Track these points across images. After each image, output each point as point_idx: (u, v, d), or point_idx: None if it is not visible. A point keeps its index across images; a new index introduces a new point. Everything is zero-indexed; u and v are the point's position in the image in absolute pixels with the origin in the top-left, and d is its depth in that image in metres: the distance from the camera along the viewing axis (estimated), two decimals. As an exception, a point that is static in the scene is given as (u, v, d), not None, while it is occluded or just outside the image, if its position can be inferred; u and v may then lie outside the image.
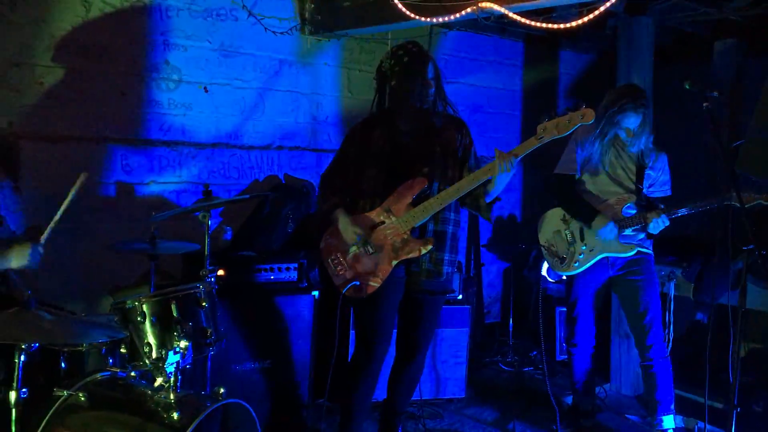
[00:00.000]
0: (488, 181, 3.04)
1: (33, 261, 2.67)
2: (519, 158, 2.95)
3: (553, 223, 3.85)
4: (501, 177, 2.96)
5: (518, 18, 3.56)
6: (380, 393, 3.55)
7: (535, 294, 5.64)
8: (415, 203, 3.07)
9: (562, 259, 3.77)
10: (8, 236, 3.33)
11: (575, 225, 3.74)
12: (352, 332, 3.63)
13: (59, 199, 3.47)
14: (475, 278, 5.45)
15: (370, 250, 3.11)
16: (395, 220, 3.08)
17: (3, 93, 3.64)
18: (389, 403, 3.48)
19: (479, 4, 3.56)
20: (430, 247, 3.05)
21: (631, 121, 3.60)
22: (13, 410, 2.20)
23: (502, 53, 5.90)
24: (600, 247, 3.67)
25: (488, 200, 3.16)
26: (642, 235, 3.66)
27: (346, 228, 3.14)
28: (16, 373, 2.20)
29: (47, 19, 3.75)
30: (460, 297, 4.44)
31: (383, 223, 3.10)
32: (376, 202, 3.15)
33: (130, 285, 4.03)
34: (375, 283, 3.09)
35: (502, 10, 3.48)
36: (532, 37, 5.82)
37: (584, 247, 3.69)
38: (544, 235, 3.89)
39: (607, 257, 3.71)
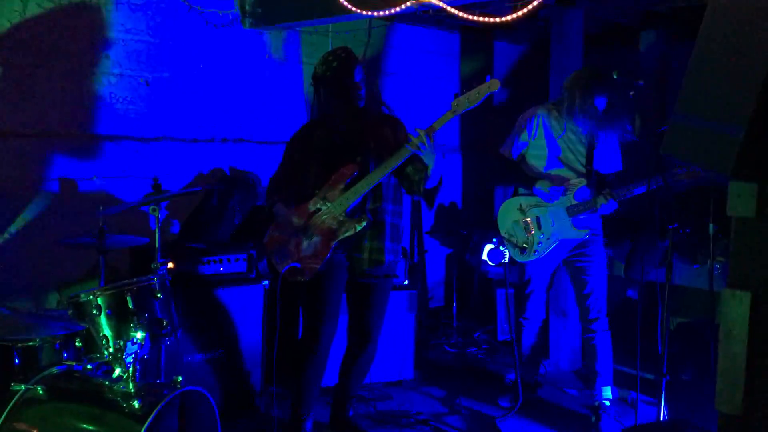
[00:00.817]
0: (424, 166, 3.19)
1: None
2: (436, 131, 3.11)
3: (511, 213, 3.96)
4: (429, 155, 3.11)
5: (455, 12, 3.69)
6: (332, 379, 3.66)
7: (476, 277, 5.85)
8: (347, 188, 3.22)
9: (522, 249, 3.89)
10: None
11: (532, 214, 3.89)
12: (300, 319, 3.72)
13: (10, 197, 3.46)
14: (420, 264, 5.60)
15: (309, 237, 3.24)
16: (330, 206, 3.23)
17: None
18: (341, 387, 3.59)
19: (418, -2, 3.68)
20: (364, 223, 3.20)
21: (601, 103, 3.75)
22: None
23: (440, 45, 6.05)
24: (557, 233, 3.84)
25: (428, 186, 3.32)
26: (593, 217, 3.85)
27: (285, 219, 3.29)
28: (-27, 369, 2.21)
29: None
30: (407, 282, 4.57)
31: (320, 210, 3.24)
32: (315, 193, 3.29)
33: (78, 280, 4.01)
34: (315, 265, 3.21)
35: (440, 3, 3.61)
36: (467, 29, 5.98)
37: (542, 236, 3.84)
38: (503, 226, 3.99)
39: (564, 241, 3.88)
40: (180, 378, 2.61)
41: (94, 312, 2.70)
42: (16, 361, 2.67)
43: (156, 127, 4.42)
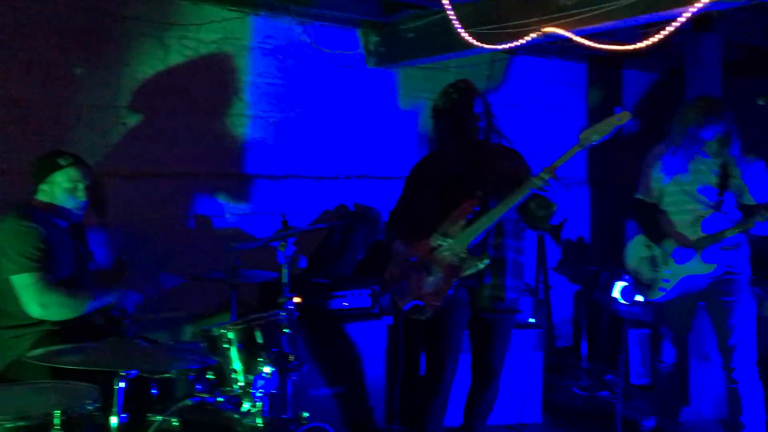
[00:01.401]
0: (549, 203, 3.08)
1: (137, 302, 3.06)
2: (558, 167, 2.98)
3: (639, 249, 3.82)
4: (556, 193, 2.99)
5: (583, 41, 3.58)
6: (455, 418, 3.57)
7: (606, 316, 5.56)
8: (469, 224, 3.16)
9: (648, 285, 3.73)
10: (96, 270, 3.52)
11: (658, 251, 3.70)
12: (422, 357, 3.68)
13: (144, 233, 3.67)
14: (545, 301, 5.41)
15: (430, 273, 3.19)
16: (451, 242, 3.17)
17: (89, 134, 3.86)
18: (465, 428, 3.50)
19: (542, 29, 3.60)
20: (486, 261, 3.12)
21: (711, 134, 3.54)
22: (113, 435, 2.31)
23: (565, 75, 5.90)
24: (683, 270, 3.61)
25: (554, 222, 3.19)
26: (732, 254, 3.58)
27: (404, 256, 3.27)
28: (115, 399, 2.31)
29: (130, 63, 3.97)
30: (532, 320, 4.42)
31: (440, 246, 3.19)
32: (435, 228, 3.25)
33: (211, 313, 4.17)
34: (436, 303, 3.16)
35: (567, 34, 3.51)
36: (594, 58, 5.81)
37: (668, 272, 3.64)
38: (631, 262, 3.86)
39: (692, 278, 3.63)
40: (306, 414, 2.62)
41: (225, 346, 2.78)
42: (154, 391, 2.78)
43: (284, 166, 4.57)
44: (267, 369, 2.70)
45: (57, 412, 2.24)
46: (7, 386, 2.57)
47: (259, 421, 2.51)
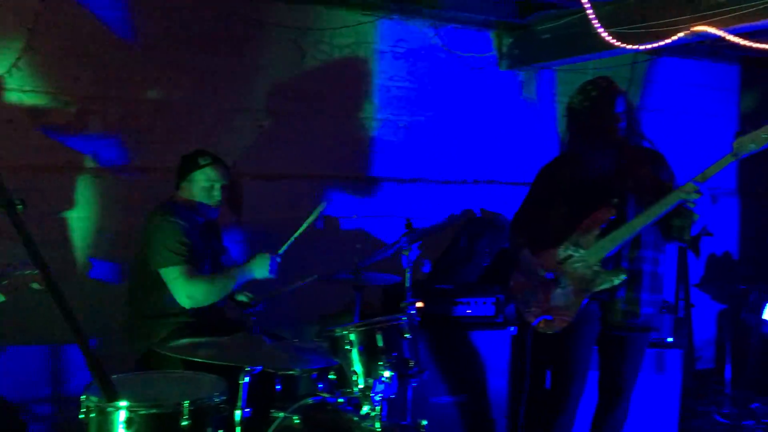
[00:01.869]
0: (690, 212, 2.84)
1: (272, 270, 3.11)
2: (709, 177, 2.73)
3: None
4: (701, 205, 2.75)
5: (738, 40, 3.30)
6: (582, 437, 3.39)
7: (755, 339, 5.12)
8: (603, 234, 2.95)
9: None
10: (231, 266, 3.66)
11: None
12: (548, 371, 3.53)
13: (276, 232, 3.75)
14: (685, 320, 5.05)
15: (560, 285, 3.03)
16: (583, 253, 2.98)
17: (228, 136, 4.02)
18: (592, 448, 3.32)
19: (692, 28, 3.35)
20: (623, 277, 2.92)
21: None
22: (238, 428, 2.37)
23: (715, 78, 5.49)
24: None
25: (694, 233, 2.95)
26: None
27: (531, 266, 3.09)
28: (240, 393, 2.37)
29: (267, 67, 4.10)
30: (671, 340, 4.12)
31: (571, 256, 3.01)
32: (564, 237, 3.07)
33: (335, 314, 4.23)
34: (566, 317, 3.00)
35: (720, 32, 3.25)
36: (748, 59, 5.36)
37: None
38: None
39: None
40: (425, 422, 2.57)
41: (347, 347, 2.78)
42: (278, 387, 2.84)
43: (411, 169, 4.56)
44: (387, 373, 2.67)
45: (186, 402, 2.33)
46: (141, 374, 2.72)
47: (377, 425, 2.49)
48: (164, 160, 3.83)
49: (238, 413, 2.37)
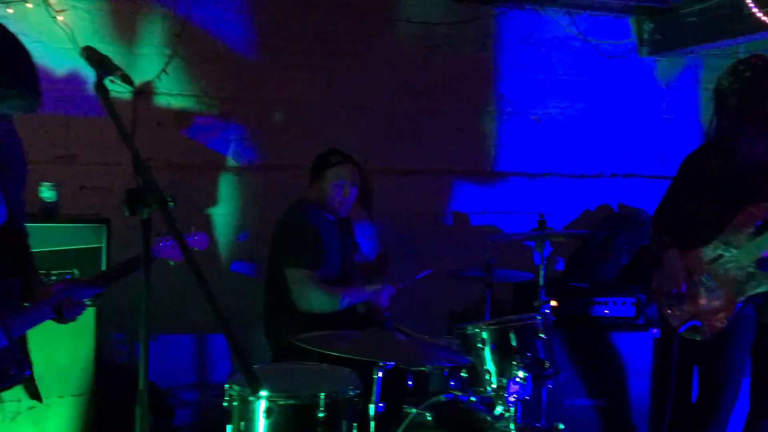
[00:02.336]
0: None
1: (384, 302, 3.17)
2: None
3: None
4: None
5: None
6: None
7: None
8: (758, 232, 2.70)
9: None
10: (362, 261, 3.71)
11: None
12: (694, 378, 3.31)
13: (405, 227, 3.76)
14: None
15: (710, 288, 2.81)
16: (735, 253, 2.75)
17: (358, 133, 4.08)
18: (744, 462, 3.08)
19: None
20: None
21: None
22: (372, 422, 2.39)
23: None
24: None
25: None
26: None
27: (677, 267, 2.88)
28: (374, 388, 2.39)
29: (396, 63, 4.12)
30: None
31: (722, 256, 2.78)
32: (713, 235, 2.84)
33: (464, 311, 4.18)
34: (718, 323, 2.79)
35: None
36: None
37: None
38: None
39: None
40: (561, 426, 2.47)
41: (479, 345, 2.74)
42: (410, 383, 2.84)
43: (543, 163, 4.42)
44: (521, 374, 2.60)
45: (322, 395, 2.38)
46: (278, 366, 2.81)
47: (512, 426, 2.42)
48: (297, 158, 3.94)
49: (372, 407, 2.39)
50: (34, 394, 2.15)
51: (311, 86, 3.99)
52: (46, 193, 3.05)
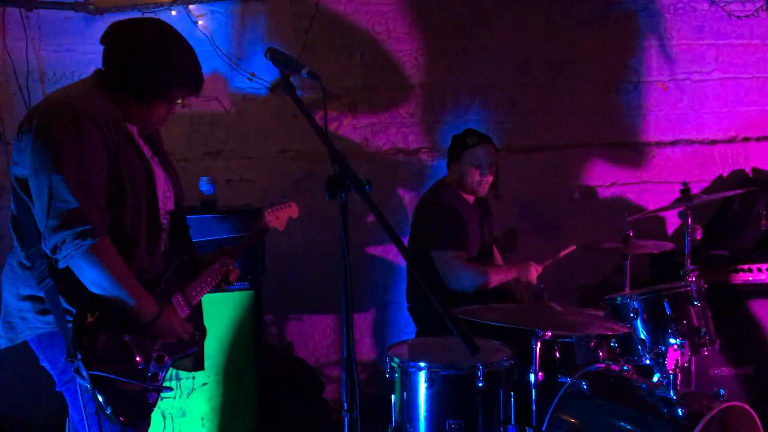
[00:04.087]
0: None
1: (531, 278, 3.24)
2: None
3: None
4: None
5: None
6: None
7: None
8: None
9: None
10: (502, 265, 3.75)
11: None
12: None
13: (534, 205, 3.79)
14: None
15: None
16: None
17: (485, 113, 4.12)
18: None
19: None
20: None
21: None
22: (533, 391, 2.47)
23: None
24: None
25: None
26: None
27: None
28: (534, 358, 2.47)
29: (516, 41, 4.13)
30: None
31: None
32: None
33: (597, 284, 4.18)
34: None
35: None
36: None
37: None
38: None
39: None
40: (722, 391, 2.47)
41: (631, 315, 2.76)
42: (557, 355, 2.90)
43: (672, 131, 4.33)
44: (677, 341, 2.60)
45: (480, 366, 2.48)
46: (431, 339, 2.93)
47: (671, 393, 2.44)
48: (424, 142, 4.05)
49: (532, 377, 2.47)
50: (198, 363, 2.35)
51: (435, 70, 4.06)
52: (205, 186, 3.29)
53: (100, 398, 1.86)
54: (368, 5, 3.95)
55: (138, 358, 2.00)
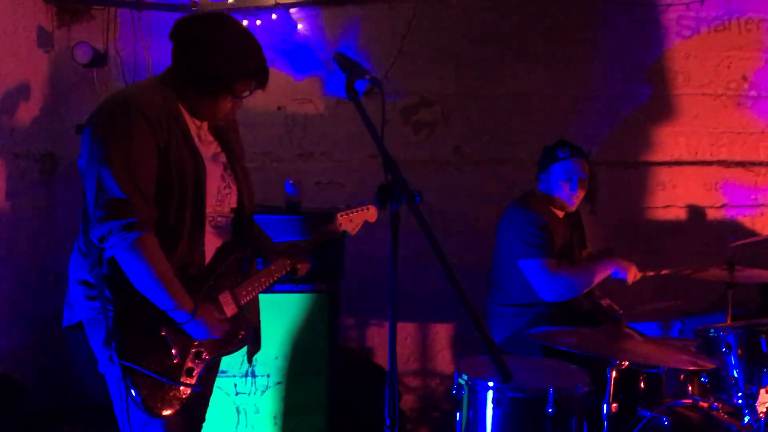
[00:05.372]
0: None
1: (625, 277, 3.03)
2: None
3: None
4: None
5: None
6: None
7: None
8: None
9: None
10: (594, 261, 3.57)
11: None
12: None
13: (630, 223, 3.57)
14: None
15: None
16: None
17: (582, 124, 3.94)
18: None
19: None
20: None
21: None
22: (605, 422, 2.31)
23: None
24: None
25: None
26: None
27: None
28: (608, 387, 2.31)
29: (621, 49, 3.92)
30: None
31: None
32: None
33: (701, 311, 3.89)
34: None
35: None
36: None
37: None
38: None
39: None
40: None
41: (724, 350, 2.53)
42: (641, 385, 2.71)
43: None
44: (775, 383, 2.37)
45: (551, 390, 2.35)
46: (512, 357, 2.81)
47: (762, 439, 2.22)
48: (518, 152, 3.91)
49: (605, 407, 2.31)
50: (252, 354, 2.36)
51: (532, 78, 3.94)
52: (290, 188, 3.33)
53: (129, 387, 1.92)
54: (466, 9, 3.87)
55: (174, 353, 2.03)
